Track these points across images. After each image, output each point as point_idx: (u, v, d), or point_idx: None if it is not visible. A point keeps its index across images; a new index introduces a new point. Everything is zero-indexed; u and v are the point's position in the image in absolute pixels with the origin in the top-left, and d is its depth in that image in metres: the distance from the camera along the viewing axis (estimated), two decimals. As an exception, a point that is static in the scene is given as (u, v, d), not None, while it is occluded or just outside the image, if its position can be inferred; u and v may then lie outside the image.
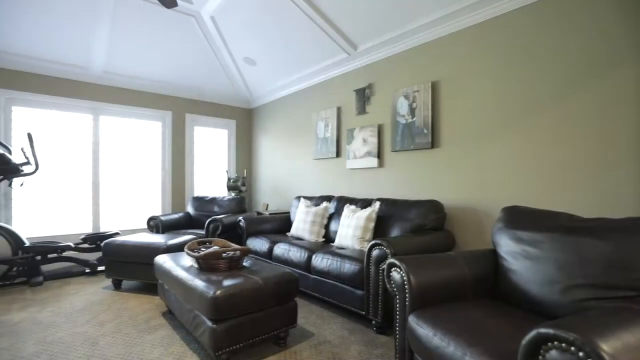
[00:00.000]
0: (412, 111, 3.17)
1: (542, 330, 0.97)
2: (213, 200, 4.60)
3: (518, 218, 1.89)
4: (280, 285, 2.09)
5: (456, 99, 2.88)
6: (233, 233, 3.93)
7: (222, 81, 5.13)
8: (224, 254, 2.20)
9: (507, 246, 1.84)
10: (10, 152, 3.64)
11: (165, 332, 2.37)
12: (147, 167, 4.87)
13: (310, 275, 2.89)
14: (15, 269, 3.44)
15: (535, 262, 1.67)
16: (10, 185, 3.72)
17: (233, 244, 2.58)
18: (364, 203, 3.28)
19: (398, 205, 2.95)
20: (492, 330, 1.35)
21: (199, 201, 4.63)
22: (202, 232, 3.95)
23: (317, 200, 3.85)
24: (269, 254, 3.37)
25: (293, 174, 4.87)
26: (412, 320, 1.57)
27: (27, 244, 3.54)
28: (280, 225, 4.01)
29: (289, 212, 4.35)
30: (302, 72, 4.42)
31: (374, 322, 2.37)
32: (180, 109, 5.13)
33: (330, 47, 3.73)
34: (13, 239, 3.45)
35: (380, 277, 2.29)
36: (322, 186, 4.33)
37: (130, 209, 4.71)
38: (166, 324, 2.50)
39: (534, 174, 2.41)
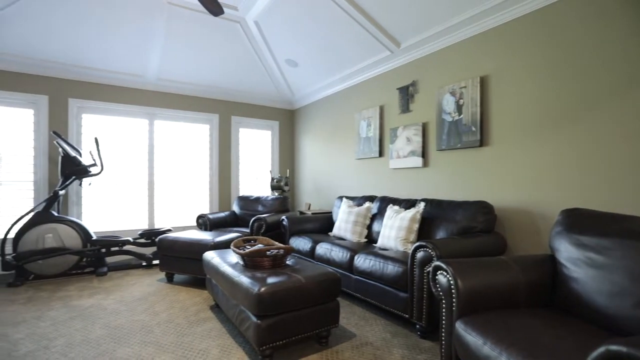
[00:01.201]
0: (458, 108, 3.03)
1: (613, 347, 0.88)
2: (257, 200, 4.74)
3: (580, 221, 1.73)
4: (322, 285, 2.11)
5: (508, 94, 2.71)
6: (276, 232, 4.03)
7: (265, 84, 5.28)
8: (268, 252, 2.26)
9: (568, 252, 1.69)
10: (80, 155, 4.04)
11: (213, 324, 2.49)
12: (196, 167, 5.15)
13: (353, 276, 2.87)
14: (84, 259, 3.81)
15: (602, 271, 1.52)
16: (80, 184, 4.13)
17: (277, 243, 2.65)
18: (408, 204, 3.19)
19: (444, 206, 2.83)
20: (550, 342, 1.24)
21: (244, 200, 4.80)
22: (247, 230, 4.09)
23: (359, 201, 3.82)
24: (311, 253, 3.40)
25: (335, 174, 4.88)
26: (459, 326, 1.50)
27: (94, 237, 3.90)
28: (322, 225, 4.03)
29: (330, 212, 4.37)
30: (344, 72, 4.41)
31: (418, 326, 2.30)
32: (226, 112, 5.36)
33: (372, 45, 3.68)
34: (83, 232, 3.82)
35: (425, 280, 2.22)
36: (364, 186, 4.29)
37: (181, 207, 5.01)
38: (214, 317, 2.62)
39: (598, 173, 2.19)
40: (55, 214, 3.78)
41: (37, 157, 4.08)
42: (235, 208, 4.82)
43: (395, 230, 2.90)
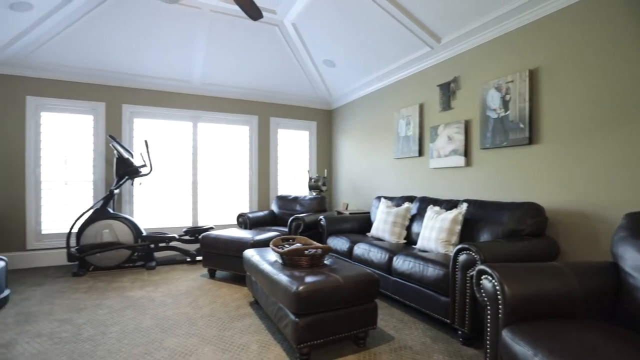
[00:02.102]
0: (504, 104, 2.86)
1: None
2: (295, 200, 4.81)
3: (648, 226, 1.56)
4: (360, 285, 2.09)
5: (561, 87, 2.52)
6: (314, 231, 4.06)
7: (303, 84, 5.34)
8: (306, 252, 2.28)
9: (634, 260, 1.54)
10: (132, 157, 4.34)
11: (252, 320, 2.56)
12: (236, 168, 5.33)
13: (391, 278, 2.82)
14: (136, 254, 4.09)
15: (674, 281, 1.36)
16: (132, 184, 4.43)
17: (315, 242, 2.66)
18: (449, 204, 3.08)
19: (488, 207, 2.69)
20: (611, 358, 1.14)
21: (283, 200, 4.89)
22: (285, 229, 4.16)
23: (398, 201, 3.74)
24: (349, 254, 3.39)
25: (373, 174, 4.82)
26: (506, 335, 1.41)
27: (144, 233, 4.17)
28: (360, 225, 4.00)
29: (368, 212, 4.32)
30: (381, 70, 4.35)
31: (460, 332, 2.21)
32: (265, 113, 5.49)
33: (411, 42, 3.59)
34: (135, 229, 4.10)
35: (468, 285, 2.12)
36: (403, 186, 4.19)
37: (222, 206, 5.21)
38: (253, 314, 2.69)
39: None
40: (111, 211, 4.09)
41: (96, 159, 4.44)
42: (273, 207, 4.93)
43: (435, 231, 2.81)
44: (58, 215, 4.28)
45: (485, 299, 1.60)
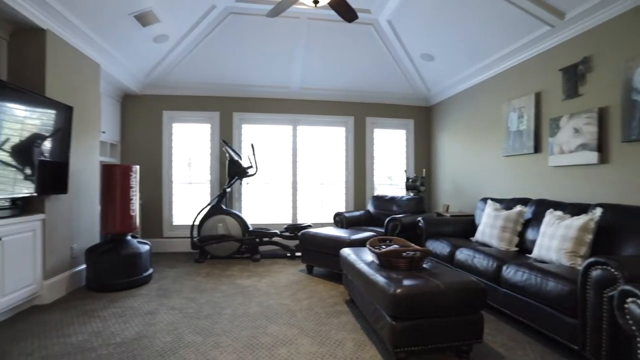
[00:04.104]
0: (659, 85, 2.29)
1: None
2: (392, 200, 4.70)
3: None
4: (463, 293, 1.92)
5: None
6: (411, 233, 3.90)
7: (399, 82, 5.19)
8: (404, 254, 2.21)
9: None
10: (241, 159, 4.84)
11: (348, 318, 2.59)
12: (333, 168, 5.48)
13: (500, 289, 2.52)
14: (243, 246, 4.55)
15: None
16: (240, 183, 4.95)
17: (413, 244, 2.56)
18: (575, 209, 2.61)
19: (633, 213, 2.19)
20: None
21: (379, 200, 4.83)
22: (381, 229, 4.10)
23: (508, 203, 3.34)
24: (449, 259, 3.16)
25: (477, 174, 4.41)
26: (666, 374, 1.12)
27: (251, 228, 4.61)
28: (463, 228, 3.70)
29: (472, 215, 3.96)
30: (487, 59, 3.94)
31: (593, 362, 1.84)
32: (361, 113, 5.52)
33: (525, 22, 3.15)
34: (243, 224, 4.57)
35: (605, 307, 1.76)
36: (514, 187, 3.72)
37: (320, 205, 5.42)
38: (349, 312, 2.72)
39: None
40: (224, 207, 4.64)
41: (212, 162, 5.10)
42: (369, 207, 4.91)
43: (557, 240, 2.41)
44: (184, 209, 5.05)
45: (633, 327, 1.30)
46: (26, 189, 2.62)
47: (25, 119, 2.57)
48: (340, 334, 2.32)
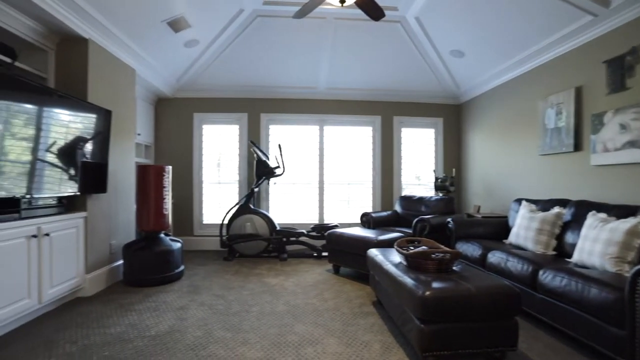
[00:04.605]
0: None
1: None
2: (420, 200, 4.60)
3: None
4: (496, 298, 1.84)
5: None
6: (440, 234, 3.79)
7: (428, 80, 5.08)
8: (433, 255, 2.15)
9: None
10: (268, 159, 4.91)
11: (375, 320, 2.55)
12: (360, 168, 5.44)
13: (536, 294, 2.40)
14: (270, 245, 4.61)
15: None
16: (268, 183, 5.02)
17: (442, 246, 2.49)
18: (621, 211, 2.43)
19: (689, 216, 2.01)
20: None
21: (406, 200, 4.74)
22: (409, 230, 4.02)
23: (544, 204, 3.17)
24: (481, 261, 3.04)
25: (511, 173, 4.22)
26: None
27: (278, 228, 4.67)
28: (495, 230, 3.56)
29: (505, 217, 3.80)
30: (521, 54, 3.76)
31: (642, 376, 1.71)
32: (388, 113, 5.44)
33: (565, 13, 2.98)
34: (270, 223, 4.64)
35: (656, 316, 1.62)
36: (550, 187, 3.53)
37: (346, 205, 5.40)
38: (375, 313, 2.68)
39: None
40: (252, 207, 4.72)
41: (240, 162, 5.21)
42: (397, 208, 4.83)
43: (601, 244, 2.26)
44: (214, 208, 5.20)
45: (688, 338, 1.19)
46: (70, 189, 2.80)
47: (69, 123, 2.75)
48: (367, 336, 2.30)
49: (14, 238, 2.27)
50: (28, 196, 2.43)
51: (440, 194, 4.75)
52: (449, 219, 3.70)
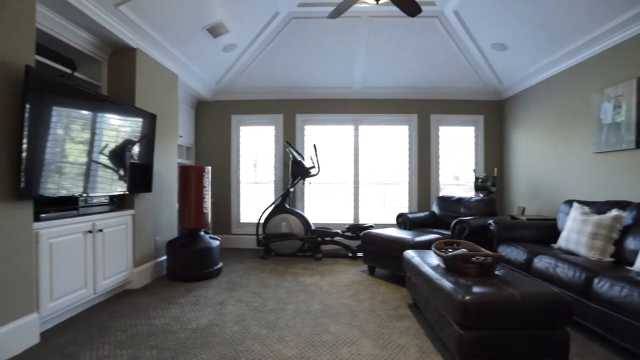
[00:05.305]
0: None
1: None
2: (459, 201, 4.42)
3: None
4: (543, 306, 1.73)
5: None
6: (481, 237, 3.61)
7: (467, 76, 4.87)
8: (473, 258, 2.06)
9: None
10: (303, 159, 4.96)
11: (411, 323, 2.49)
12: (396, 168, 5.33)
13: (590, 304, 2.21)
14: (306, 245, 4.65)
15: None
16: (303, 183, 5.07)
17: (482, 249, 2.38)
18: (693, 214, 2.18)
19: None
20: None
21: (444, 201, 4.58)
22: (447, 232, 3.88)
23: (598, 207, 2.93)
24: (526, 266, 2.87)
25: (560, 173, 3.94)
26: None
27: (313, 227, 4.70)
28: (542, 233, 3.33)
29: (553, 219, 3.55)
30: (572, 44, 3.49)
31: None
32: (424, 111, 5.29)
33: (624, -2, 2.73)
34: (305, 223, 4.68)
35: None
36: (607, 188, 3.25)
37: (382, 205, 5.31)
38: (412, 316, 2.62)
39: None
40: (287, 206, 4.79)
41: (276, 162, 5.31)
42: (434, 208, 4.68)
43: (668, 250, 2.04)
44: (250, 208, 5.34)
45: None
46: (120, 188, 3.01)
47: (119, 127, 2.95)
48: (403, 339, 2.24)
49: (73, 233, 2.49)
50: (84, 195, 2.64)
51: (481, 195, 4.53)
52: (491, 221, 3.52)
